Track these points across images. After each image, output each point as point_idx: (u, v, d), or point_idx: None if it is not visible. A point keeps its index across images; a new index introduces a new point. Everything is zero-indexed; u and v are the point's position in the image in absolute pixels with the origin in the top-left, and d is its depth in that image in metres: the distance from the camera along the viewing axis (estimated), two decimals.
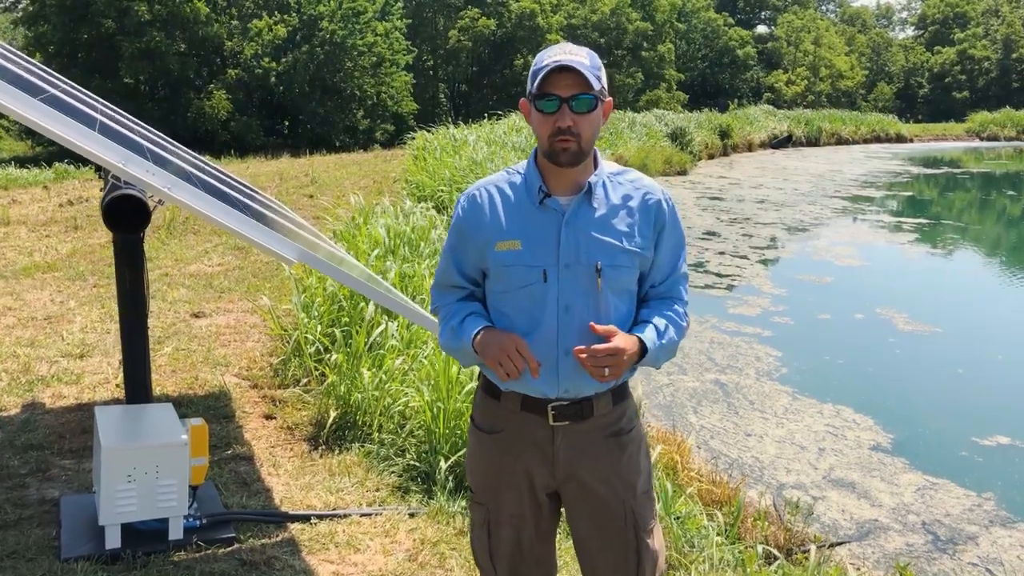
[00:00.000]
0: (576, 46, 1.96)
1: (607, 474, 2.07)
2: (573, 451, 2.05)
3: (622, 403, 2.11)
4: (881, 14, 77.66)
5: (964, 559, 4.40)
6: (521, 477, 2.08)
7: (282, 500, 3.64)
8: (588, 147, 1.97)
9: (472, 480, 2.20)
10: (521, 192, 2.03)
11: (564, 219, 1.98)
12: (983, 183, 26.18)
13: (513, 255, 1.98)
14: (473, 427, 2.19)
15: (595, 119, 1.96)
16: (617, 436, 2.09)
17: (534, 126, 1.99)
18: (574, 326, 1.97)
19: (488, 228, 2.02)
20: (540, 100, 1.93)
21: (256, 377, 5.14)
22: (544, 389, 2.00)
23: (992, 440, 5.91)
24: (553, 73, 1.90)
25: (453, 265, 2.11)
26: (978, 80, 59.56)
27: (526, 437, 2.06)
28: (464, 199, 2.10)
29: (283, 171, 16.53)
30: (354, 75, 33.92)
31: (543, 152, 1.99)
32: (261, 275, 7.83)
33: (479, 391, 2.18)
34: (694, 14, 55.88)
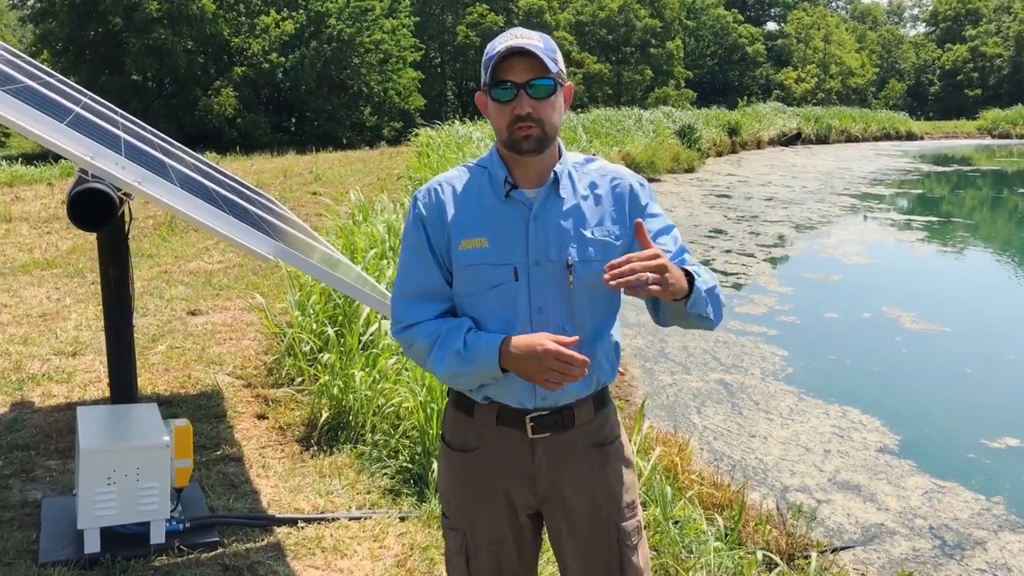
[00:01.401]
0: (528, 30, 1.83)
1: (591, 489, 1.94)
2: (555, 465, 1.92)
3: (604, 409, 1.98)
4: (892, 11, 77.24)
5: (972, 565, 4.28)
6: (500, 498, 1.94)
7: (270, 503, 3.56)
8: (552, 132, 1.83)
9: (445, 504, 2.04)
10: (484, 185, 1.89)
11: (532, 213, 1.85)
12: (994, 181, 25.94)
13: (479, 253, 1.84)
14: (444, 446, 2.03)
15: (556, 103, 1.82)
16: (600, 447, 1.96)
17: (492, 117, 1.85)
18: (548, 327, 1.83)
19: (450, 226, 1.87)
20: (495, 88, 1.79)
21: (250, 376, 5.06)
22: (521, 398, 1.87)
23: (1001, 442, 5.79)
24: (506, 59, 1.77)
25: (427, 265, 1.89)
26: (990, 77, 59.14)
27: (504, 454, 1.92)
28: (422, 194, 1.93)
29: (288, 168, 16.49)
30: (361, 72, 33.93)
31: (503, 143, 1.85)
32: (261, 272, 7.76)
33: (449, 406, 2.03)
34: (703, 11, 55.69)
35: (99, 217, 2.12)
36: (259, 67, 31.28)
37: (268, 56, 31.25)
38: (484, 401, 1.91)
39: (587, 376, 1.89)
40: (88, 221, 2.15)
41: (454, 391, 2.00)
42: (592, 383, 1.93)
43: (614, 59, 47.52)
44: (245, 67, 31.38)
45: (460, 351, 1.80)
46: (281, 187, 13.31)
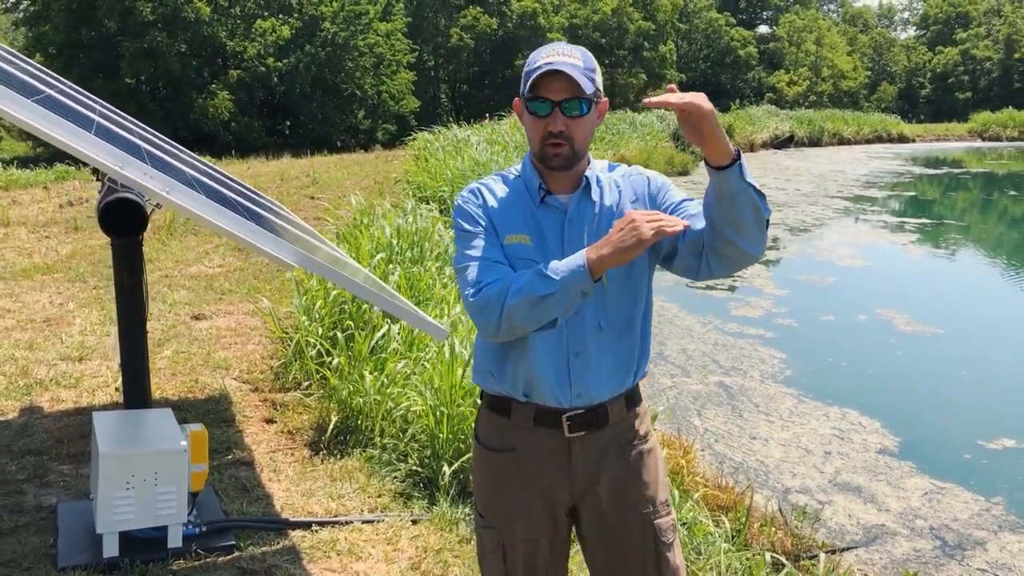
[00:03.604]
0: (570, 46, 1.89)
1: (626, 486, 2.00)
2: (591, 463, 1.98)
3: (636, 408, 2.04)
4: (883, 14, 77.60)
5: (973, 565, 4.35)
6: (537, 498, 1.99)
7: (283, 507, 3.60)
8: (581, 151, 1.91)
9: (481, 502, 2.07)
10: (521, 190, 1.97)
11: (567, 217, 1.93)
12: (985, 183, 26.11)
13: (524, 248, 1.91)
14: (479, 446, 2.08)
15: (588, 122, 1.89)
16: (634, 444, 2.02)
17: (526, 129, 1.93)
18: (584, 324, 1.91)
19: (496, 220, 1.93)
20: (532, 103, 1.87)
21: (257, 380, 5.09)
22: (558, 396, 1.93)
23: (998, 443, 5.86)
24: (545, 76, 1.83)
25: (492, 241, 1.90)
26: (980, 80, 59.47)
27: (541, 453, 1.97)
28: (466, 192, 1.99)
29: (284, 171, 16.49)
30: (355, 75, 33.93)
31: (535, 155, 1.94)
32: (262, 277, 7.79)
33: (483, 408, 2.08)
34: (696, 14, 55.87)
35: (130, 225, 2.15)
36: (255, 71, 31.25)
37: (264, 60, 31.24)
38: (523, 399, 1.95)
39: (621, 372, 1.96)
40: (118, 230, 2.19)
41: (488, 394, 2.04)
42: (625, 381, 1.99)
43: (607, 62, 47.60)
44: (240, 71, 31.34)
45: (542, 272, 1.80)
46: (279, 191, 13.33)
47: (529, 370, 1.93)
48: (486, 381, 2.03)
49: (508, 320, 1.80)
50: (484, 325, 1.85)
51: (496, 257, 1.88)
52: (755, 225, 1.80)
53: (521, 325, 1.82)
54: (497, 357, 1.98)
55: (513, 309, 1.79)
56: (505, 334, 1.85)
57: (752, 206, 1.77)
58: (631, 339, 1.98)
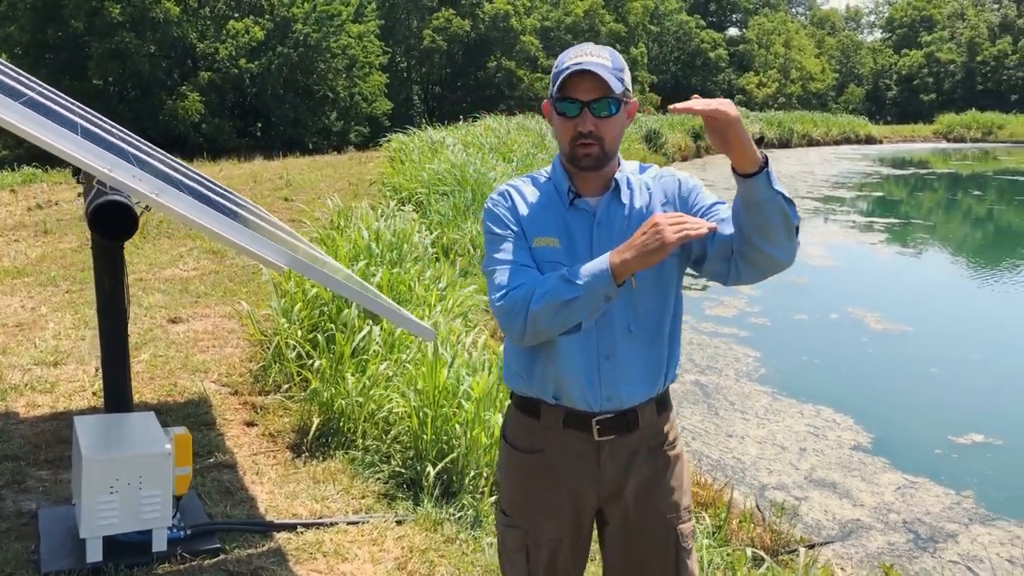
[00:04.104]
0: (598, 46, 1.89)
1: (653, 491, 2.00)
2: (619, 467, 1.97)
3: (665, 412, 2.04)
4: (850, 17, 78.72)
5: (945, 557, 4.45)
6: (566, 499, 1.99)
7: (267, 509, 3.59)
8: (611, 151, 1.90)
9: (507, 501, 2.07)
10: (551, 193, 1.96)
11: (596, 219, 1.92)
12: (950, 184, 26.61)
13: (552, 251, 1.90)
14: (507, 446, 2.07)
15: (618, 122, 1.88)
16: (663, 450, 2.02)
17: (555, 130, 1.92)
18: (614, 327, 1.91)
19: (525, 223, 1.93)
20: (561, 103, 1.86)
21: (236, 383, 5.07)
22: (588, 399, 1.92)
23: (967, 438, 5.99)
24: (574, 76, 1.83)
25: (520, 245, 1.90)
26: (944, 82, 60.55)
27: (570, 455, 1.97)
28: (495, 195, 1.99)
29: (256, 173, 16.36)
30: (328, 77, 33.79)
31: (565, 156, 1.93)
32: (238, 279, 7.74)
33: (512, 409, 2.07)
34: (666, 16, 56.28)
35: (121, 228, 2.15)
36: (226, 72, 30.99)
37: (236, 61, 30.98)
38: (552, 401, 1.95)
39: (651, 376, 1.96)
40: (110, 232, 2.18)
41: (518, 396, 2.04)
42: (656, 385, 1.99)
43: None
44: (211, 72, 31.06)
45: (565, 276, 1.79)
46: (252, 193, 13.23)
47: (559, 373, 1.92)
48: (516, 383, 2.02)
49: (533, 325, 1.81)
50: (510, 329, 1.85)
51: (523, 261, 1.88)
52: (784, 232, 1.79)
53: (546, 329, 1.82)
54: (527, 359, 1.97)
55: (537, 314, 1.79)
56: (531, 338, 1.85)
57: (781, 213, 1.76)
58: (660, 342, 1.97)
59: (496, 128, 19.07)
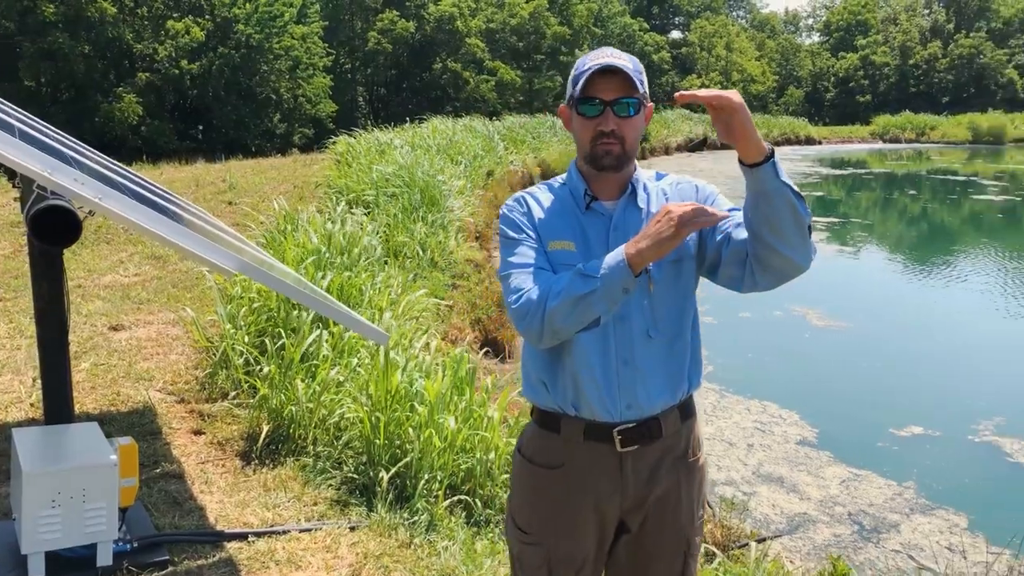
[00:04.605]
0: (617, 50, 1.89)
1: (674, 502, 1.97)
2: (643, 477, 1.93)
3: (690, 420, 2.00)
4: (788, 20, 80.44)
5: (888, 546, 4.57)
6: (590, 512, 1.94)
7: (217, 518, 3.52)
8: (631, 151, 1.90)
9: (525, 519, 2.01)
10: (567, 198, 1.95)
11: (612, 223, 1.91)
12: (886, 183, 27.40)
13: (568, 255, 1.88)
14: (524, 462, 2.02)
15: (638, 123, 1.88)
16: (686, 459, 1.99)
17: (575, 131, 1.91)
18: (632, 332, 1.88)
19: (540, 227, 1.92)
20: (583, 104, 1.86)
21: (182, 391, 4.96)
22: (609, 407, 1.89)
23: (908, 431, 6.17)
24: (596, 76, 1.83)
25: (536, 248, 1.89)
26: (879, 85, 62.27)
27: (593, 469, 1.92)
28: (511, 201, 1.98)
29: (199, 177, 16.04)
30: (271, 79, 33.30)
31: (584, 157, 1.92)
32: (181, 285, 7.58)
33: (532, 425, 2.03)
34: (610, 19, 56.79)
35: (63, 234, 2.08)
36: (165, 73, 30.32)
37: (177, 63, 30.32)
38: (572, 412, 1.91)
39: (672, 382, 1.92)
40: (52, 238, 2.11)
41: (539, 410, 1.99)
42: (678, 391, 1.95)
43: (525, 66, 48.00)
44: (149, 73, 30.36)
45: (581, 271, 1.77)
46: (194, 196, 12.96)
47: (578, 380, 1.89)
48: (538, 393, 1.98)
49: (550, 323, 1.78)
50: (527, 330, 1.83)
51: (538, 264, 1.86)
52: (795, 228, 1.75)
53: (563, 327, 1.79)
54: (548, 366, 1.94)
55: (554, 311, 1.76)
56: (549, 338, 1.82)
57: (789, 206, 1.73)
58: (681, 348, 1.94)
59: (443, 130, 19.03)
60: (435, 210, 9.98)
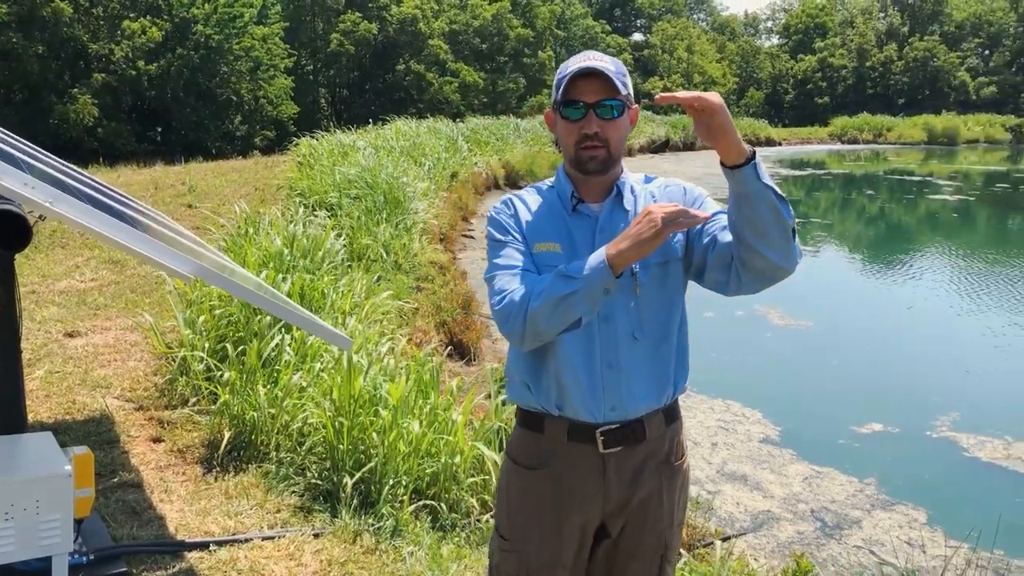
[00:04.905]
0: (600, 53, 1.89)
1: (655, 506, 1.97)
2: (626, 481, 1.93)
3: (674, 423, 2.01)
4: (748, 23, 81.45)
5: (850, 542, 4.63)
6: (572, 515, 1.94)
7: (177, 528, 3.46)
8: (616, 154, 1.90)
9: (506, 523, 2.02)
10: (554, 201, 1.96)
11: (598, 225, 1.92)
12: (844, 184, 27.86)
13: (553, 256, 1.89)
14: (511, 464, 2.02)
15: (622, 125, 1.89)
16: (669, 465, 1.99)
17: (560, 135, 1.92)
18: (617, 335, 1.88)
19: (526, 229, 1.93)
20: (566, 107, 1.86)
21: (141, 398, 4.87)
22: (592, 408, 1.88)
23: (868, 428, 6.26)
24: (578, 79, 1.84)
25: (521, 250, 1.90)
26: (837, 86, 63.33)
27: (575, 469, 1.92)
28: (499, 204, 1.99)
29: (158, 180, 15.79)
30: (231, 80, 32.89)
31: (569, 161, 1.93)
32: (139, 290, 7.44)
33: (517, 427, 2.03)
34: (573, 21, 57.01)
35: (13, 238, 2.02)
36: (122, 74, 29.77)
37: (134, 64, 29.80)
38: (556, 412, 1.91)
39: (657, 386, 1.92)
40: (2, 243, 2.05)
41: (522, 411, 1.99)
42: (663, 395, 1.95)
43: (488, 68, 48.02)
44: (106, 74, 29.79)
45: (563, 272, 1.77)
46: (153, 199, 12.74)
47: (561, 381, 1.89)
48: (521, 394, 1.98)
49: (532, 324, 1.78)
50: (510, 332, 1.83)
51: (524, 266, 1.87)
52: (778, 231, 1.74)
53: (545, 328, 1.79)
54: (531, 368, 1.94)
55: (536, 312, 1.76)
56: (531, 339, 1.82)
57: (772, 209, 1.73)
58: (667, 351, 1.94)
59: (407, 131, 18.94)
60: (399, 212, 9.93)
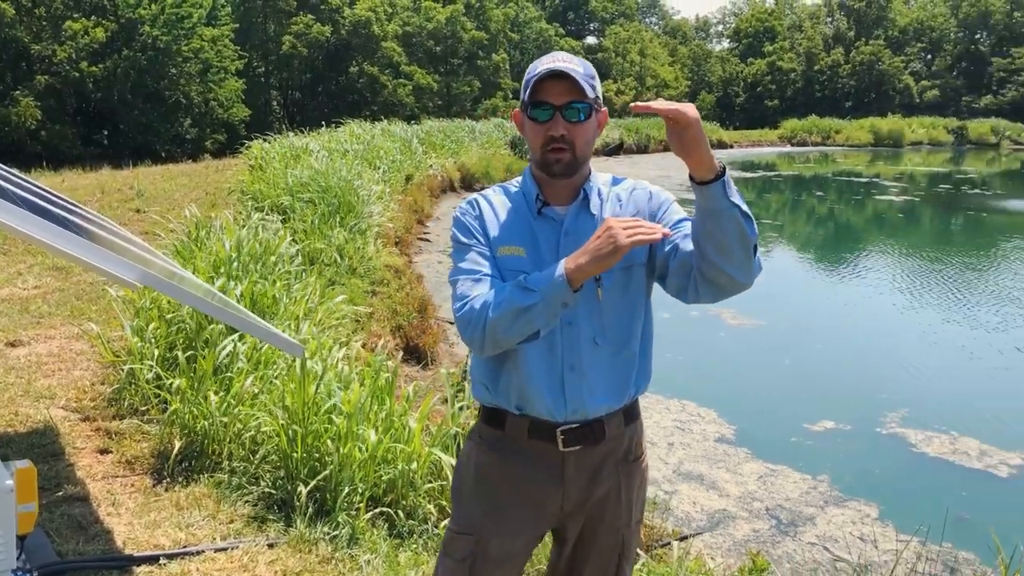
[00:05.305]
0: (569, 54, 1.87)
1: (613, 504, 1.99)
2: (584, 479, 1.94)
3: (633, 423, 2.02)
4: (699, 27, 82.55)
5: (804, 539, 4.69)
6: (528, 509, 1.95)
7: (125, 542, 3.37)
8: (583, 157, 1.89)
9: (462, 507, 2.02)
10: (520, 203, 1.94)
11: (563, 229, 1.90)
12: (795, 185, 28.37)
13: (517, 261, 1.87)
14: (474, 445, 2.03)
15: (589, 128, 1.87)
16: (628, 463, 2.00)
17: (527, 136, 1.90)
18: (580, 339, 1.88)
19: (489, 234, 1.91)
20: (533, 109, 1.84)
21: (87, 409, 4.73)
22: (552, 409, 1.88)
23: (820, 425, 6.36)
24: (546, 80, 1.82)
25: (484, 254, 1.88)
26: (787, 89, 64.51)
27: (535, 467, 1.93)
28: (464, 204, 1.97)
29: (104, 184, 15.43)
30: (180, 82, 32.30)
31: (536, 163, 1.91)
32: (85, 297, 7.25)
33: (479, 422, 2.04)
34: (526, 24, 57.21)
35: None
36: (66, 76, 29.04)
37: (77, 65, 29.09)
38: (516, 412, 1.91)
39: (617, 388, 1.92)
40: None
41: (484, 407, 1.99)
42: (622, 397, 1.95)
43: (442, 70, 47.92)
44: (48, 76, 29.04)
45: (521, 284, 1.76)
46: (100, 204, 12.45)
47: (523, 384, 1.89)
48: (481, 393, 1.99)
49: (492, 334, 1.77)
50: (469, 340, 1.82)
51: (486, 270, 1.85)
52: (741, 248, 1.75)
53: (504, 338, 1.78)
54: (492, 371, 1.93)
55: (495, 322, 1.76)
56: (491, 348, 1.81)
57: (737, 227, 1.73)
58: (629, 354, 1.94)
59: (361, 134, 18.79)
60: (353, 216, 9.83)
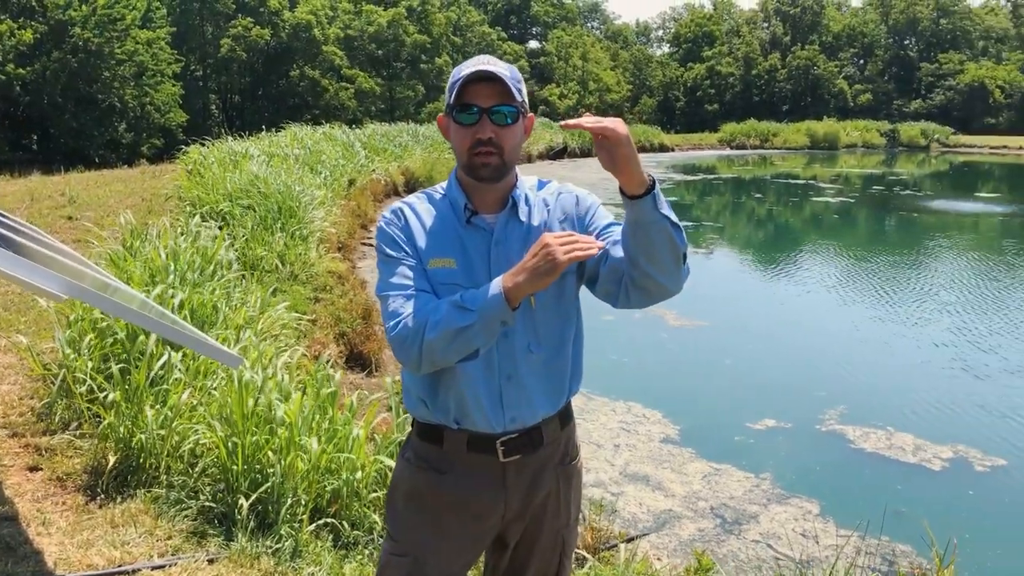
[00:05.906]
0: (495, 59, 1.85)
1: (554, 507, 2.00)
2: (525, 486, 1.94)
3: (568, 425, 2.04)
4: (640, 32, 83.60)
5: (748, 537, 4.76)
6: (468, 524, 1.93)
7: (56, 562, 3.25)
8: (510, 162, 1.87)
9: (398, 527, 1.98)
10: (447, 211, 1.89)
11: (494, 238, 1.87)
12: (734, 188, 28.91)
13: (448, 272, 1.84)
14: (407, 465, 1.98)
15: (516, 132, 1.86)
16: (565, 466, 2.02)
17: (453, 140, 1.86)
18: (514, 347, 1.86)
19: (418, 245, 1.85)
20: (459, 111, 1.81)
21: (15, 424, 4.56)
22: (491, 421, 1.87)
23: (762, 424, 6.47)
24: (473, 83, 1.79)
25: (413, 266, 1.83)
26: (725, 94, 65.73)
27: (475, 479, 1.91)
28: (388, 214, 1.91)
29: (34, 190, 14.92)
30: (113, 85, 31.48)
31: (462, 167, 1.87)
32: (13, 308, 6.99)
33: (413, 436, 1.99)
34: (469, 28, 57.23)
35: None
36: None
37: (4, 68, 28.13)
38: (455, 426, 1.88)
39: (553, 393, 1.93)
40: None
41: (419, 423, 1.96)
42: (558, 401, 1.96)
43: (385, 74, 47.63)
44: None
45: (458, 303, 1.73)
46: (28, 212, 12.03)
47: (461, 397, 1.86)
48: (418, 409, 1.94)
49: (429, 354, 1.74)
50: (405, 360, 1.78)
51: (418, 285, 1.81)
52: (671, 258, 1.78)
53: (443, 359, 1.76)
54: (429, 385, 1.90)
55: (433, 343, 1.72)
56: (428, 367, 1.78)
57: (667, 238, 1.75)
58: (563, 360, 1.95)
59: (302, 138, 18.54)
60: (294, 221, 9.69)
